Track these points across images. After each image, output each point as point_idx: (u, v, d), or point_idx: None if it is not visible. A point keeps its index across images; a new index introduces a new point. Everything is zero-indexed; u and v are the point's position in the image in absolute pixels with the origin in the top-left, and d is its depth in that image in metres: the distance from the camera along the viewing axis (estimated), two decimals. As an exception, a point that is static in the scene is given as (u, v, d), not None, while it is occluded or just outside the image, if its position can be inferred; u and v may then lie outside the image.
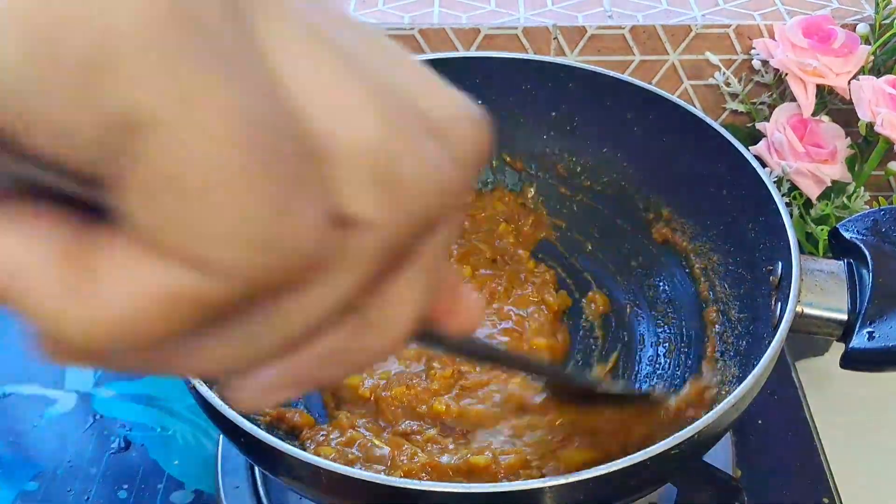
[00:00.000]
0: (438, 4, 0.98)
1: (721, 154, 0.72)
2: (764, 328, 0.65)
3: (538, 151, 0.87)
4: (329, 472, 0.52)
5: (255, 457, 0.59)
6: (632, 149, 0.82)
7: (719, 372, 0.70)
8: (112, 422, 0.85)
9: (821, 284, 0.62)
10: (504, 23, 0.94)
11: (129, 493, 0.78)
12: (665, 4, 0.96)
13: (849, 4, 0.96)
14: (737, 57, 0.94)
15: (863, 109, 0.84)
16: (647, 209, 0.82)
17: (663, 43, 0.94)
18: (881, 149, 0.88)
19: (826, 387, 0.90)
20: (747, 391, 0.56)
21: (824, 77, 0.86)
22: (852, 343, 0.60)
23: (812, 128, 0.87)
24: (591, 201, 0.85)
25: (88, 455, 0.82)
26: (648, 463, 0.52)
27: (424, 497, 0.52)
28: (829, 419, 0.84)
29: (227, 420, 0.56)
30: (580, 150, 0.85)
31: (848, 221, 0.66)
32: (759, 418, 0.82)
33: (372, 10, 0.97)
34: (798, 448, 0.80)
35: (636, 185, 0.83)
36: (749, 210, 0.70)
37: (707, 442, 0.58)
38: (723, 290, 0.74)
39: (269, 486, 0.74)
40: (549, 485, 0.51)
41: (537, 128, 0.86)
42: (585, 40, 0.94)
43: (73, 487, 0.79)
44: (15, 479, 0.80)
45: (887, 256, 0.63)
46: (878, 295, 0.60)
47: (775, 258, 0.66)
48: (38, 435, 0.84)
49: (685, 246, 0.79)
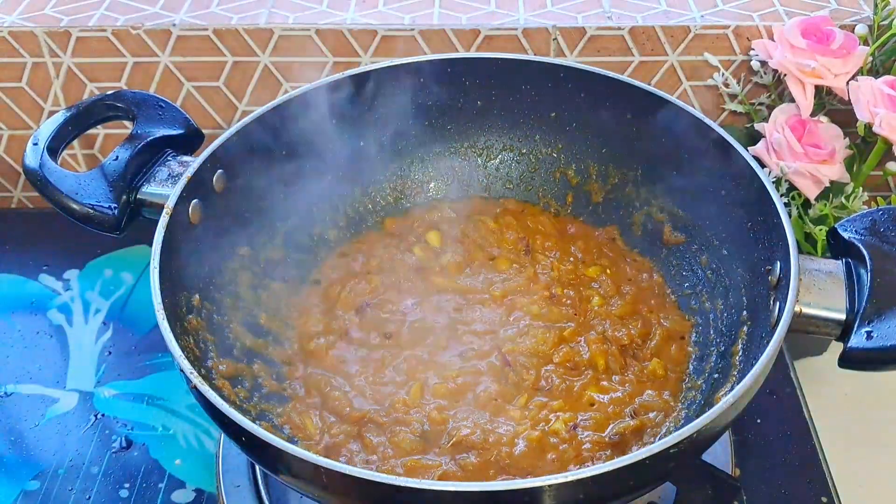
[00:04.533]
0: (438, 5, 0.98)
1: (720, 154, 0.73)
2: (763, 328, 0.65)
3: (538, 152, 0.88)
4: (329, 470, 0.53)
5: (255, 456, 0.59)
6: (631, 150, 0.82)
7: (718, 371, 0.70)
8: (113, 421, 0.85)
9: (819, 284, 0.63)
10: (504, 24, 0.95)
11: (131, 492, 0.78)
12: (664, 5, 0.97)
13: (847, 5, 0.96)
14: (736, 58, 0.95)
15: (861, 110, 0.84)
16: (645, 209, 0.83)
17: (662, 44, 0.94)
18: (879, 149, 0.88)
19: (825, 386, 0.90)
20: (746, 390, 0.56)
21: (823, 78, 0.86)
22: (851, 342, 0.60)
23: (811, 128, 0.87)
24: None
25: (90, 454, 0.82)
26: (648, 462, 0.52)
27: (424, 495, 0.52)
28: (827, 418, 0.84)
29: (228, 419, 0.56)
30: (580, 151, 0.86)
31: (846, 221, 0.67)
32: (758, 417, 0.83)
33: (372, 10, 0.97)
34: (797, 447, 0.80)
35: (635, 185, 0.83)
36: (748, 210, 0.71)
37: (706, 441, 0.58)
38: (722, 290, 0.75)
39: (270, 484, 0.74)
40: (548, 483, 0.51)
41: (537, 128, 0.87)
42: (585, 41, 0.94)
43: (75, 486, 0.79)
44: (16, 479, 0.80)
45: (886, 256, 0.63)
46: (876, 294, 0.61)
47: (774, 258, 0.66)
48: (40, 434, 0.84)
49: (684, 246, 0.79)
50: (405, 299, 0.79)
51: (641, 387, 0.72)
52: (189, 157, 0.75)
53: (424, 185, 0.89)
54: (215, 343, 0.70)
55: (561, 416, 0.69)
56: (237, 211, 0.77)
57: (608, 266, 0.82)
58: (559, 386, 0.71)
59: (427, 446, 0.67)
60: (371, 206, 0.88)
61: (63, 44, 0.97)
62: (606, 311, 0.77)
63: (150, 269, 0.64)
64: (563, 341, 0.74)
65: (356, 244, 0.85)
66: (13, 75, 0.99)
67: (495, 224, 0.85)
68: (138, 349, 0.92)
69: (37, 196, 0.83)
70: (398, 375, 0.72)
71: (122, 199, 0.72)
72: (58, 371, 0.90)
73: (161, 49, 0.96)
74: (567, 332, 0.75)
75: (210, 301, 0.72)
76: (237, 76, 0.98)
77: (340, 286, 0.80)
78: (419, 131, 0.87)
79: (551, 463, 0.66)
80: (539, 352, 0.73)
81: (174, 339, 0.60)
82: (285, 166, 0.80)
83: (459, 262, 0.82)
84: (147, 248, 0.66)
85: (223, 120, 1.02)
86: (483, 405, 0.70)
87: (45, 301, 0.97)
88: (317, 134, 0.81)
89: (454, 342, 0.74)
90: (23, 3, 1.00)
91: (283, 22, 0.95)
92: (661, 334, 0.75)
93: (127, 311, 0.96)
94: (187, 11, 0.97)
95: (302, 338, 0.77)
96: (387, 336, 0.76)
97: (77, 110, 0.77)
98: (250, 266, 0.78)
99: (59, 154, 0.74)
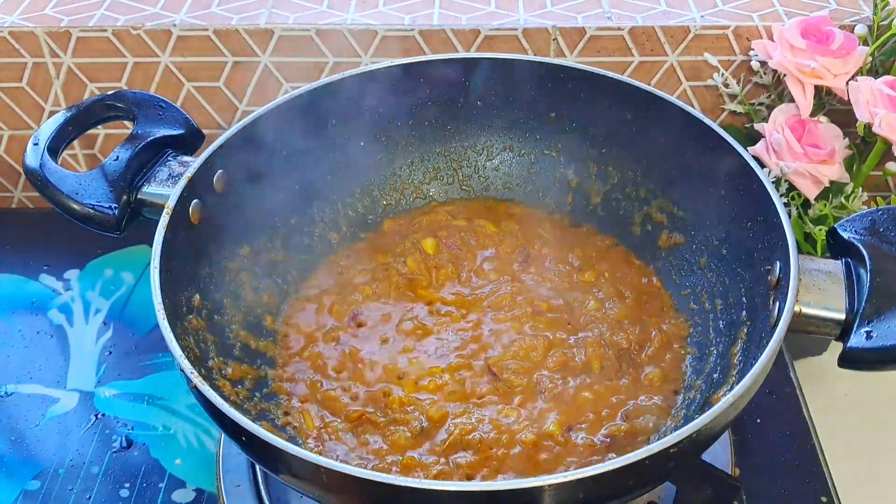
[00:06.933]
0: (438, 6, 0.98)
1: (720, 155, 0.73)
2: (762, 327, 0.65)
3: (538, 152, 0.88)
4: (329, 470, 0.53)
5: (255, 455, 0.59)
6: (631, 150, 0.82)
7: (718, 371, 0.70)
8: (114, 421, 0.85)
9: (819, 284, 0.63)
10: (504, 24, 0.95)
11: (131, 491, 0.79)
12: (664, 6, 0.97)
13: (847, 5, 0.96)
14: (735, 58, 0.95)
15: (861, 110, 0.84)
16: (644, 209, 0.83)
17: (662, 44, 0.94)
18: (879, 149, 0.88)
19: (824, 386, 0.90)
20: (746, 390, 0.56)
21: (822, 78, 0.86)
22: (850, 342, 0.60)
23: (810, 128, 0.87)
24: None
25: (90, 454, 0.82)
26: (648, 461, 0.52)
27: (424, 495, 0.52)
28: (827, 418, 0.84)
29: (228, 419, 0.56)
30: (580, 151, 0.86)
31: (846, 221, 0.67)
32: (757, 417, 0.83)
33: (372, 10, 0.97)
34: (796, 447, 0.80)
35: (635, 185, 0.83)
36: (747, 210, 0.71)
37: (706, 441, 0.58)
38: (721, 290, 0.75)
39: (270, 484, 0.74)
40: (549, 483, 0.51)
41: (537, 128, 0.87)
42: (585, 41, 0.94)
43: (75, 486, 0.79)
44: (17, 478, 0.80)
45: (885, 256, 0.63)
46: (875, 294, 0.61)
47: (774, 258, 0.66)
48: (40, 434, 0.84)
49: (684, 246, 0.79)
50: (396, 308, 0.79)
51: (637, 391, 0.72)
52: (189, 158, 0.75)
53: (424, 185, 0.89)
54: (215, 343, 0.70)
55: (556, 418, 0.69)
56: (237, 211, 0.77)
57: (606, 270, 0.81)
58: (553, 389, 0.71)
59: (423, 446, 0.68)
60: (370, 206, 0.88)
61: (63, 44, 0.97)
62: (603, 314, 0.77)
63: (151, 269, 0.64)
64: (554, 346, 0.74)
65: (352, 250, 0.85)
66: (14, 75, 0.99)
67: (495, 228, 0.85)
68: (139, 349, 0.92)
69: (37, 196, 0.83)
70: (395, 377, 0.73)
71: (122, 200, 0.72)
72: (58, 371, 0.90)
73: (161, 49, 0.97)
74: (557, 338, 0.75)
75: (210, 301, 0.72)
76: (237, 76, 0.98)
77: (336, 294, 0.80)
78: (419, 131, 0.87)
79: (545, 464, 0.66)
80: (529, 358, 0.73)
81: (174, 339, 0.60)
82: (285, 166, 0.80)
83: (451, 272, 0.82)
84: (147, 248, 0.66)
85: (223, 120, 1.02)
86: (480, 406, 0.70)
87: (45, 301, 0.97)
88: (317, 134, 0.81)
89: (445, 353, 0.75)
90: (23, 3, 1.00)
91: (283, 22, 0.95)
92: (659, 340, 0.75)
93: (127, 311, 0.96)
94: (187, 12, 0.97)
95: (302, 338, 0.77)
96: (383, 340, 0.76)
97: (77, 110, 0.77)
98: (250, 266, 0.78)
99: (59, 154, 0.74)
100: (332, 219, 0.85)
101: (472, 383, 0.72)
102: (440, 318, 0.78)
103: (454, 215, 0.87)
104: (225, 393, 0.66)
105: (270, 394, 0.72)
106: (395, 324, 0.77)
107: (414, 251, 0.83)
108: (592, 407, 0.70)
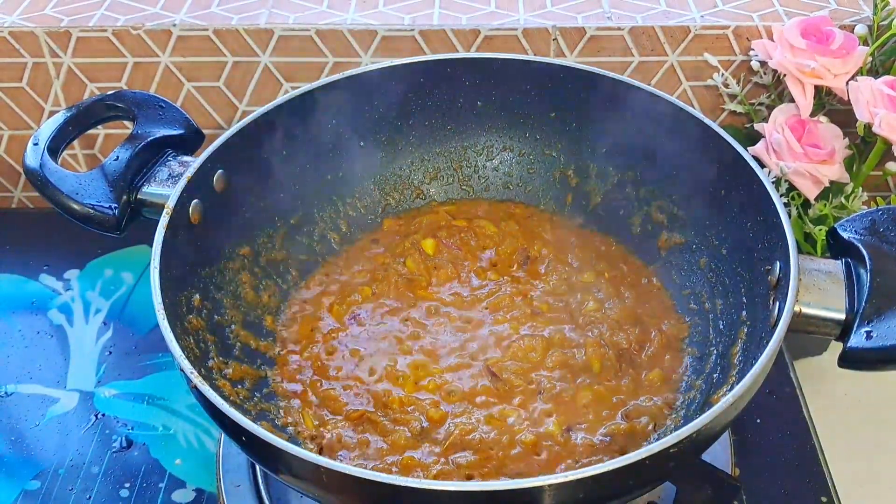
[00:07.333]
0: (438, 6, 0.98)
1: (720, 155, 0.73)
2: (762, 327, 0.65)
3: (538, 152, 0.88)
4: (329, 470, 0.53)
5: (255, 455, 0.59)
6: (631, 150, 0.82)
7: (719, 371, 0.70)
8: (113, 421, 0.85)
9: (819, 284, 0.63)
10: (504, 24, 0.95)
11: (131, 491, 0.79)
12: (664, 6, 0.97)
13: (847, 5, 0.96)
14: (735, 58, 0.95)
15: (861, 110, 0.84)
16: (644, 209, 0.83)
17: (662, 44, 0.94)
18: (879, 149, 0.88)
19: (824, 386, 0.90)
20: (746, 390, 0.56)
21: (822, 78, 0.86)
22: (850, 342, 0.60)
23: (810, 128, 0.87)
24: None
25: (90, 454, 0.82)
26: (648, 461, 0.52)
27: (424, 495, 0.52)
28: (827, 418, 0.84)
29: (228, 419, 0.56)
30: (580, 151, 0.86)
31: (846, 221, 0.67)
32: (757, 417, 0.83)
33: (372, 10, 0.97)
34: (796, 447, 0.80)
35: (634, 185, 0.83)
36: (747, 210, 0.71)
37: (706, 441, 0.58)
38: (721, 290, 0.75)
39: (270, 484, 0.74)
40: (548, 483, 0.51)
41: (537, 128, 0.87)
42: (585, 41, 0.94)
43: (75, 486, 0.79)
44: (17, 478, 0.80)
45: (885, 256, 0.63)
46: (875, 294, 0.61)
47: (774, 258, 0.66)
48: (40, 434, 0.84)
49: (684, 246, 0.79)
50: (396, 308, 0.79)
51: (636, 391, 0.72)
52: (189, 157, 0.75)
53: (424, 185, 0.89)
54: (215, 343, 0.70)
55: (555, 418, 0.69)
56: (237, 211, 0.77)
57: (606, 270, 0.81)
58: (553, 389, 0.71)
59: (423, 446, 0.68)
60: (370, 206, 0.88)
61: (63, 44, 0.97)
62: (603, 315, 0.77)
63: (151, 269, 0.64)
64: (554, 346, 0.74)
65: (352, 250, 0.85)
66: (14, 75, 0.99)
67: (495, 228, 0.85)
68: (139, 349, 0.92)
69: (37, 196, 0.83)
70: (395, 377, 0.73)
71: (122, 200, 0.72)
72: (58, 371, 0.90)
73: (161, 49, 0.97)
74: (556, 338, 0.75)
75: (210, 301, 0.72)
76: (237, 76, 0.98)
77: (336, 294, 0.80)
78: (419, 131, 0.87)
79: (545, 464, 0.66)
80: (529, 359, 0.73)
81: (174, 339, 0.60)
82: (285, 166, 0.80)
83: (450, 273, 0.82)
84: (147, 248, 0.66)
85: (223, 120, 1.02)
86: (479, 406, 0.70)
87: (45, 301, 0.97)
88: (317, 134, 0.82)
89: (445, 353, 0.75)
90: (23, 3, 1.00)
91: (283, 22, 0.95)
92: (659, 340, 0.75)
93: (127, 311, 0.96)
94: (187, 11, 0.97)
95: (301, 338, 0.77)
96: (383, 340, 0.76)
97: (77, 110, 0.77)
98: (250, 266, 0.78)
99: (59, 154, 0.74)
100: (331, 219, 0.85)
101: (471, 383, 0.72)
102: (440, 319, 0.78)
103: (454, 215, 0.87)
104: (225, 393, 0.66)
105: (270, 394, 0.72)
106: (395, 324, 0.77)
107: (414, 251, 0.83)
108: (592, 407, 0.70)
